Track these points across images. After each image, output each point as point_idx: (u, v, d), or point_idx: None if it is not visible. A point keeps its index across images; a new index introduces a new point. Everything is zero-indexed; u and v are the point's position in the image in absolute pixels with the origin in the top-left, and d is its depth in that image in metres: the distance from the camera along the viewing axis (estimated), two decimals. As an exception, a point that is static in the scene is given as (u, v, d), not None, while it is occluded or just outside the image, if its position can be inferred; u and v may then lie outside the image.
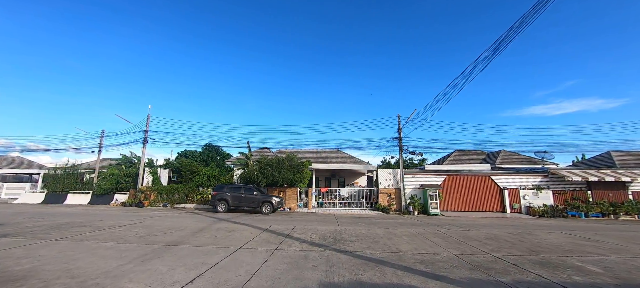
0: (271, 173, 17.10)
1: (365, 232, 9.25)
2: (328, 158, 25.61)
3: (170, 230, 8.89)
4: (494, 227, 11.27)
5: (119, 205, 18.54)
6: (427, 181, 18.07)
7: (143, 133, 19.75)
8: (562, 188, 17.63)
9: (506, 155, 24.12)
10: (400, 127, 18.65)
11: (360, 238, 8.09)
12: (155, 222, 10.58)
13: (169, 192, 18.89)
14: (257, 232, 8.70)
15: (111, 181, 19.94)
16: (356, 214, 15.96)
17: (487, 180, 18.15)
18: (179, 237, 7.69)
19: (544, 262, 5.81)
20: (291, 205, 18.15)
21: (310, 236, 8.24)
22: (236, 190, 15.75)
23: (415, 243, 7.52)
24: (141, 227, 9.43)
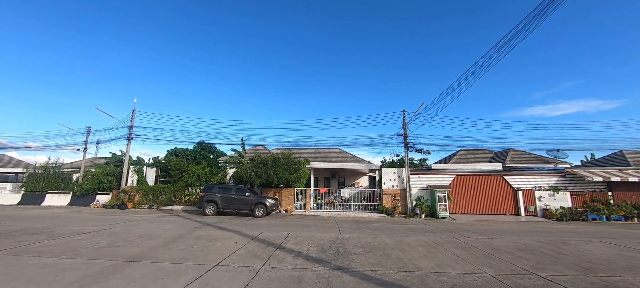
0: (265, 172, 15.68)
1: (372, 240, 7.86)
2: (327, 157, 24.22)
3: (141, 238, 7.48)
4: (516, 233, 9.90)
5: (100, 207, 17.08)
6: (434, 181, 16.70)
7: (127, 129, 18.28)
8: (580, 189, 16.30)
9: (516, 153, 22.77)
10: (406, 123, 17.28)
11: (367, 249, 6.70)
12: (128, 228, 9.15)
13: (155, 192, 17.44)
14: (244, 242, 7.29)
15: (93, 181, 18.47)
16: (358, 217, 14.57)
17: (500, 180, 16.80)
18: (147, 249, 6.28)
19: (610, 287, 4.44)
20: (287, 207, 16.75)
21: (307, 247, 6.85)
22: (226, 190, 14.33)
23: (435, 257, 6.13)
24: (108, 234, 8.01)
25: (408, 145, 16.91)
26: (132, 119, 18.51)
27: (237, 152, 18.72)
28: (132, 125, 18.40)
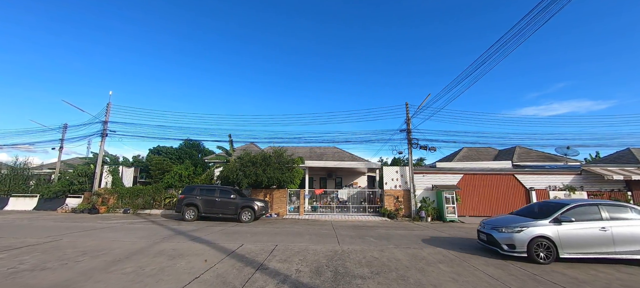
0: (254, 171, 14.04)
1: (379, 255, 6.31)
2: (324, 155, 22.64)
3: (83, 256, 5.80)
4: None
5: (69, 211, 15.22)
6: (441, 181, 15.25)
7: (101, 124, 16.44)
8: (598, 188, 15.02)
9: (523, 151, 21.50)
10: (409, 118, 15.80)
11: (375, 269, 5.15)
12: (79, 240, 7.45)
13: (132, 195, 15.64)
14: (216, 259, 5.67)
15: (63, 182, 16.59)
16: (358, 221, 13.03)
17: (511, 179, 15.44)
18: (78, 274, 4.64)
19: None
20: (279, 210, 15.13)
21: (297, 266, 5.27)
22: (209, 192, 12.65)
23: (467, 281, 4.61)
24: (45, 249, 6.32)
25: (412, 142, 15.43)
26: (107, 114, 16.66)
27: (224, 149, 17.04)
28: (107, 121, 16.55)
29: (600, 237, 5.63)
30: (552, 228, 5.81)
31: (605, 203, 6.14)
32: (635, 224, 5.68)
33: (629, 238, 5.57)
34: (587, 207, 6.03)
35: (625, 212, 5.89)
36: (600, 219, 5.81)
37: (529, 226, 5.96)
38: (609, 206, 6.03)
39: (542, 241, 5.73)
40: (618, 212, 5.88)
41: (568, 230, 5.74)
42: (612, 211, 5.92)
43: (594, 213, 5.90)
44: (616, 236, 5.59)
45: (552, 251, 5.67)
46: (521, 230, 5.93)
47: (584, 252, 5.66)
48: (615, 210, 5.91)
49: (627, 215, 5.84)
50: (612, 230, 5.64)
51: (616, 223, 5.71)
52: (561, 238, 5.69)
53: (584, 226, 5.74)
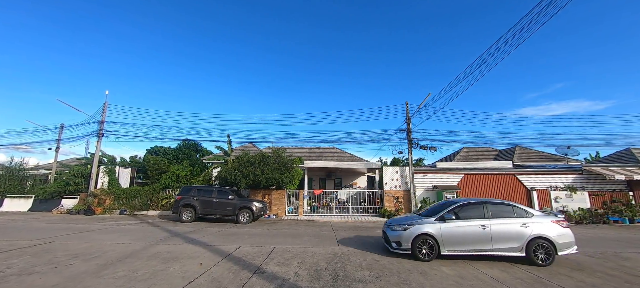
0: (253, 172, 13.85)
1: (379, 257, 6.14)
2: (323, 155, 22.49)
3: (74, 259, 5.62)
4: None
5: (64, 212, 15.00)
6: (441, 181, 15.11)
7: (98, 124, 16.22)
8: (599, 188, 14.91)
9: (523, 151, 21.39)
10: (409, 117, 15.65)
11: (376, 272, 4.98)
12: (70, 242, 7.25)
13: (128, 196, 15.43)
14: (211, 262, 5.49)
15: (58, 183, 16.36)
16: (358, 222, 12.87)
17: (511, 179, 15.30)
18: (67, 279, 4.46)
19: None
20: (278, 210, 14.95)
21: (295, 270, 5.09)
22: (207, 193, 12.46)
23: (470, 284, 4.45)
24: (36, 252, 6.13)
25: (412, 141, 15.28)
26: (104, 113, 16.44)
27: (222, 149, 16.84)
28: (103, 120, 16.33)
29: (479, 235, 5.79)
30: (436, 226, 5.95)
31: (490, 202, 6.29)
32: (513, 222, 5.84)
33: (504, 236, 5.74)
34: (473, 206, 6.21)
35: (507, 210, 6.06)
36: (482, 218, 5.94)
37: (416, 224, 6.10)
38: (493, 204, 6.19)
39: (426, 238, 5.89)
40: (500, 211, 6.06)
41: (450, 228, 5.90)
42: (495, 210, 6.07)
43: (478, 211, 6.09)
44: (494, 234, 5.76)
45: (434, 248, 5.81)
46: (407, 228, 6.07)
47: (463, 249, 5.83)
48: (498, 209, 6.10)
49: (508, 213, 6.00)
50: (491, 228, 5.80)
51: (496, 221, 5.87)
52: (443, 236, 5.85)
53: (466, 224, 5.92)
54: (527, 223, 5.74)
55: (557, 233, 5.63)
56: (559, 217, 6.02)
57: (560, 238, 5.61)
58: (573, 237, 5.75)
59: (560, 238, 5.60)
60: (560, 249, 5.55)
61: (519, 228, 5.73)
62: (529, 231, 5.66)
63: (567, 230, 5.75)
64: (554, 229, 5.68)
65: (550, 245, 5.54)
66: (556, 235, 5.61)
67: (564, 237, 5.64)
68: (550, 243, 5.55)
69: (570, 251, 5.64)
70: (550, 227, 5.70)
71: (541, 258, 5.53)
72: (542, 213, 6.08)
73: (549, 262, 5.50)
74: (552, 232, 5.63)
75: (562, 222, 5.83)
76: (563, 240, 5.61)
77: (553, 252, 5.52)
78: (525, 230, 5.68)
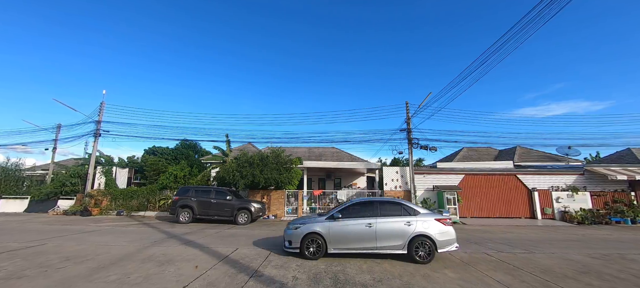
0: (251, 172, 13.69)
1: (381, 260, 5.98)
2: (322, 156, 22.33)
3: (66, 262, 5.45)
4: (550, 243, 8.18)
5: (61, 213, 14.80)
6: (442, 181, 14.98)
7: (95, 124, 16.03)
8: (601, 189, 14.79)
9: (523, 151, 21.25)
10: (410, 117, 15.52)
11: (377, 277, 4.82)
12: (64, 244, 7.08)
13: (125, 196, 15.25)
14: (207, 265, 5.33)
15: (55, 184, 16.16)
16: (358, 223, 12.69)
17: (513, 179, 15.18)
18: (56, 283, 4.29)
19: None
20: (277, 211, 14.79)
21: (294, 273, 4.94)
22: (204, 194, 12.30)
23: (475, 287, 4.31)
24: (26, 255, 5.96)
25: (412, 141, 15.14)
26: (101, 113, 16.25)
27: (220, 150, 16.67)
28: (100, 120, 16.14)
29: (365, 233, 5.83)
30: (325, 224, 5.99)
31: (381, 200, 6.40)
32: (398, 221, 5.87)
33: (388, 234, 5.79)
34: (364, 205, 6.29)
35: (396, 209, 6.10)
36: (371, 216, 5.98)
37: (307, 223, 6.12)
38: (384, 203, 6.27)
39: (314, 237, 5.90)
40: (389, 210, 6.10)
41: (338, 227, 5.95)
42: (385, 208, 6.12)
43: (369, 210, 6.13)
44: (379, 232, 5.81)
45: (322, 247, 5.84)
46: (298, 228, 6.08)
47: (349, 247, 5.87)
48: (388, 208, 6.14)
49: (396, 212, 6.05)
50: (377, 226, 5.84)
51: (382, 219, 5.91)
52: (330, 235, 5.89)
53: (353, 222, 5.96)
54: (411, 222, 5.82)
55: (438, 231, 5.72)
56: (444, 215, 6.08)
57: (441, 236, 5.70)
58: (454, 235, 5.83)
59: (440, 236, 5.69)
60: (440, 247, 5.65)
61: (403, 227, 5.80)
62: (412, 229, 5.75)
63: (449, 229, 5.83)
64: (436, 227, 5.77)
65: (431, 243, 5.64)
66: (437, 233, 5.70)
67: (444, 234, 5.74)
68: (431, 240, 5.65)
69: (450, 248, 5.74)
70: (432, 225, 5.79)
71: (421, 255, 5.63)
72: (429, 212, 6.15)
73: (428, 259, 5.59)
74: (433, 230, 5.73)
75: (445, 221, 5.90)
76: (443, 238, 5.70)
77: (433, 250, 5.63)
78: (408, 229, 5.77)
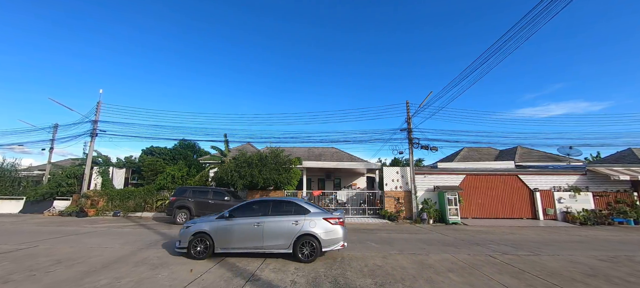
0: (250, 172, 13.51)
1: (382, 262, 5.81)
2: (322, 156, 22.17)
3: (57, 265, 5.26)
4: (554, 245, 8.02)
5: (56, 214, 14.59)
6: (443, 182, 14.81)
7: (91, 124, 15.83)
8: (603, 189, 14.64)
9: (524, 151, 21.11)
10: (410, 116, 15.35)
11: (379, 281, 4.64)
12: (56, 246, 6.89)
13: (122, 197, 15.05)
14: (204, 268, 5.15)
15: (50, 184, 15.94)
16: (358, 224, 12.54)
17: (514, 179, 15.02)
18: (44, 287, 4.10)
19: None
20: (276, 212, 14.57)
21: (292, 277, 4.75)
22: (202, 194, 12.11)
23: (482, 293, 4.13)
24: (16, 258, 5.77)
25: (413, 141, 14.97)
26: (97, 113, 16.05)
27: (218, 150, 16.48)
28: (97, 120, 15.94)
29: (253, 232, 5.79)
30: (213, 224, 5.94)
31: (275, 200, 6.39)
32: (286, 220, 5.85)
33: (275, 233, 5.76)
34: (259, 204, 6.29)
35: (287, 208, 6.10)
36: (262, 215, 5.98)
37: (198, 222, 6.08)
38: (277, 202, 6.28)
39: (202, 237, 5.83)
40: (281, 209, 6.10)
41: (227, 226, 5.90)
42: (277, 207, 6.13)
43: (261, 209, 6.13)
44: (266, 231, 5.77)
45: (209, 247, 5.77)
46: (189, 227, 6.00)
47: (236, 247, 5.80)
48: (280, 206, 6.15)
49: (286, 211, 6.05)
50: (265, 225, 5.81)
51: (271, 218, 5.89)
52: (218, 234, 5.84)
53: (242, 221, 5.92)
54: (299, 221, 5.80)
55: (323, 230, 5.72)
56: (334, 214, 6.06)
57: (327, 235, 5.70)
58: (341, 234, 5.81)
59: (326, 235, 5.69)
60: (325, 245, 5.65)
61: (290, 226, 5.78)
62: (299, 228, 5.73)
63: (335, 228, 5.81)
64: (322, 226, 5.76)
65: (316, 242, 5.63)
66: (322, 232, 5.70)
67: (330, 233, 5.73)
68: (316, 239, 5.64)
69: (335, 247, 5.74)
70: (319, 224, 5.78)
71: (305, 254, 5.62)
72: (320, 211, 6.12)
73: (311, 258, 5.58)
74: (319, 229, 5.73)
75: (332, 219, 5.87)
76: (329, 237, 5.70)
77: (318, 248, 5.62)
78: (295, 227, 5.75)
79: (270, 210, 6.05)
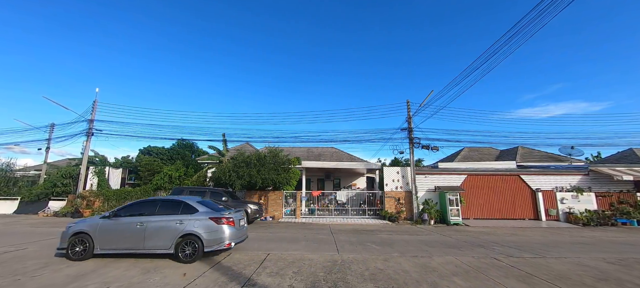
0: (248, 172, 13.29)
1: (384, 265, 5.59)
2: (321, 156, 21.98)
3: (45, 268, 5.05)
4: (559, 247, 7.82)
5: (51, 215, 14.35)
6: (444, 182, 14.62)
7: (87, 123, 15.59)
8: (606, 189, 14.47)
9: (525, 151, 20.95)
10: (411, 116, 15.16)
11: (381, 286, 4.42)
12: (47, 248, 6.65)
13: (118, 197, 14.81)
14: (198, 272, 4.93)
15: (45, 184, 15.70)
16: (358, 225, 12.33)
17: (516, 180, 14.84)
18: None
19: None
20: (275, 212, 14.38)
21: (290, 282, 4.53)
22: (199, 195, 11.82)
23: (489, 299, 3.92)
24: (6, 259, 5.57)
25: (413, 141, 14.78)
26: (93, 112, 15.81)
27: (216, 149, 16.25)
28: (93, 119, 15.70)
29: (135, 233, 5.66)
30: (95, 224, 5.82)
31: (164, 199, 6.28)
32: (171, 220, 5.72)
33: (158, 234, 5.63)
34: (146, 203, 6.17)
35: (174, 208, 5.97)
36: (149, 214, 5.84)
37: (79, 223, 5.95)
38: (165, 202, 6.17)
39: (82, 237, 5.70)
40: (168, 207, 5.97)
41: (109, 226, 5.78)
42: (164, 206, 6.00)
43: (148, 208, 5.98)
44: (149, 232, 5.65)
45: (89, 247, 5.65)
46: (70, 227, 5.87)
47: (116, 248, 5.67)
48: (167, 206, 6.03)
49: (173, 210, 5.91)
50: (148, 226, 5.68)
51: (155, 218, 5.77)
52: (98, 234, 5.70)
53: (126, 221, 5.80)
54: (183, 221, 5.70)
55: (207, 230, 5.64)
56: (223, 213, 5.97)
57: (210, 234, 5.62)
58: (227, 233, 5.74)
59: (209, 235, 5.60)
60: (207, 245, 5.55)
61: (174, 226, 5.67)
62: (182, 228, 5.63)
63: (221, 227, 5.72)
64: (207, 225, 5.68)
65: (199, 242, 5.54)
66: (205, 232, 5.61)
67: (214, 233, 5.65)
68: (198, 239, 5.56)
69: (219, 246, 5.65)
70: (204, 223, 5.69)
71: (186, 254, 5.51)
72: (208, 210, 5.99)
73: (192, 258, 5.48)
74: (202, 228, 5.64)
75: (220, 219, 5.77)
76: (212, 237, 5.61)
77: (200, 248, 5.52)
78: (178, 227, 5.65)
79: (157, 210, 5.92)
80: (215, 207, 6.42)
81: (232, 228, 5.86)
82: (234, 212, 6.32)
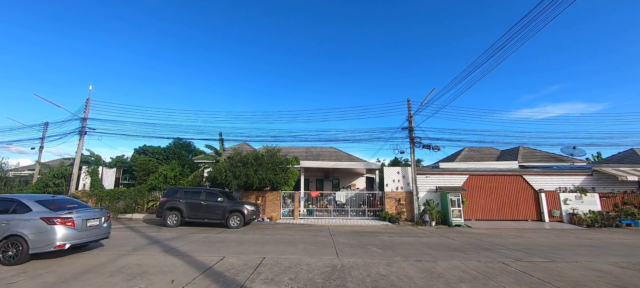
0: (245, 172, 12.93)
1: (386, 271, 5.26)
2: (320, 155, 21.63)
3: (22, 274, 4.69)
4: (566, 249, 7.52)
5: (42, 216, 13.90)
6: (445, 182, 14.32)
7: (80, 122, 15.19)
8: (610, 190, 14.21)
9: (527, 151, 20.68)
10: (411, 115, 14.85)
11: (384, 293, 4.10)
12: (29, 253, 6.28)
13: (112, 198, 14.42)
14: (187, 279, 4.59)
15: (38, 184, 15.29)
16: (358, 226, 12.00)
17: (519, 180, 14.56)
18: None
19: None
20: (272, 213, 14.03)
21: (286, 287, 4.20)
22: (194, 195, 11.53)
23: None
24: (-22, 266, 5.17)
25: (414, 140, 14.47)
26: (86, 110, 15.41)
27: (213, 149, 15.89)
28: (86, 117, 15.29)
29: None
30: None
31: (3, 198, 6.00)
32: None
33: None
34: None
35: (5, 205, 5.67)
36: None
37: None
38: (4, 201, 5.85)
39: None
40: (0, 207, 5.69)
41: None
42: (2, 205, 5.72)
43: None
44: None
45: None
46: None
47: None
48: (3, 204, 5.74)
49: (4, 209, 5.62)
50: None
51: None
52: None
53: None
54: (11, 221, 5.42)
55: (35, 231, 5.36)
56: (58, 213, 5.65)
57: (37, 235, 5.35)
58: (59, 234, 5.45)
59: (35, 236, 5.34)
60: (33, 246, 5.29)
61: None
62: (7, 228, 5.35)
63: (51, 227, 5.44)
64: (35, 226, 5.40)
65: (24, 244, 5.27)
66: (32, 233, 5.34)
67: (42, 234, 5.37)
68: (23, 241, 5.28)
69: (48, 248, 5.36)
70: (33, 224, 5.42)
71: (9, 256, 5.23)
72: (43, 210, 5.65)
73: (14, 260, 5.20)
74: (29, 229, 5.36)
75: (52, 219, 5.50)
76: (39, 238, 5.34)
77: (25, 250, 5.25)
78: (3, 228, 5.37)
79: None
80: (61, 206, 6.00)
81: (69, 229, 5.58)
82: (83, 212, 5.98)
